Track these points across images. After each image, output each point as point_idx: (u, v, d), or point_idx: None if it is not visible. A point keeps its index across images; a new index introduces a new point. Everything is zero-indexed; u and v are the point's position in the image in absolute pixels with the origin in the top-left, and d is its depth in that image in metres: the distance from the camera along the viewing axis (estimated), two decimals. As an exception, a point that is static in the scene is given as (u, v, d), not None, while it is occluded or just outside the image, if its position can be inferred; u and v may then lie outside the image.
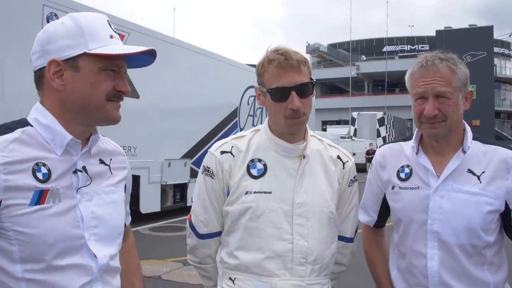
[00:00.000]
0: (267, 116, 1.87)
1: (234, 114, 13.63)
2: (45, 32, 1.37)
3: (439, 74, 1.75)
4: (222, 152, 1.83)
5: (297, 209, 1.73)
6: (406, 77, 1.88)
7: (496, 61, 58.31)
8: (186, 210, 11.63)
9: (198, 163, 11.91)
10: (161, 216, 10.81)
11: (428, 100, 1.76)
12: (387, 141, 37.80)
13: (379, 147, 2.15)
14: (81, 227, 1.36)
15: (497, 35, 52.19)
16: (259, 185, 1.75)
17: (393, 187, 1.94)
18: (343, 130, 39.34)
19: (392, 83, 57.89)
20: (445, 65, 1.77)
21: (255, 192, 1.74)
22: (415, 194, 1.86)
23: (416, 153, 1.90)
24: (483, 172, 1.79)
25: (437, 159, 1.86)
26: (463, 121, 1.87)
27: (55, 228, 1.29)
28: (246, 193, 1.75)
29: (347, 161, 1.91)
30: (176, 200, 11.64)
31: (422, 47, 65.96)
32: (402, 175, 1.92)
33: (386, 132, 39.03)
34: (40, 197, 1.28)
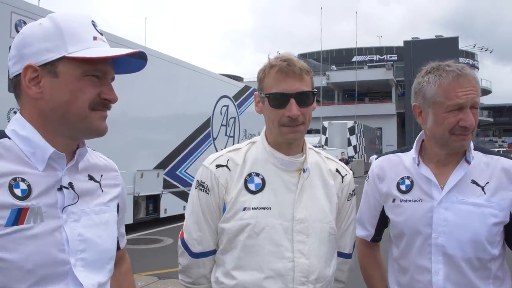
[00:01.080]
0: (264, 128, 1.79)
1: (207, 124, 13.56)
2: (21, 35, 1.24)
3: (473, 84, 1.69)
4: (218, 166, 1.73)
5: (297, 226, 1.65)
6: (434, 88, 1.72)
7: (461, 70, 59.87)
8: (159, 221, 11.54)
9: (171, 173, 11.79)
10: (133, 228, 10.59)
11: (465, 111, 1.67)
12: (357, 150, 38.48)
13: (377, 157, 2.08)
14: (66, 251, 1.20)
15: (461, 45, 53.74)
16: (258, 200, 1.66)
17: (393, 200, 1.87)
18: (314, 139, 39.58)
19: (362, 92, 58.90)
20: (473, 74, 1.71)
21: (253, 208, 1.65)
22: (417, 206, 1.79)
23: (418, 165, 1.84)
24: (487, 183, 1.74)
25: (439, 171, 1.80)
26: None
27: (36, 252, 1.13)
28: (244, 209, 1.65)
29: (346, 174, 1.85)
30: (149, 212, 11.46)
31: (390, 57, 67.50)
32: (403, 187, 1.85)
33: (357, 141, 39.56)
34: (18, 216, 1.12)
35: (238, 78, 38.30)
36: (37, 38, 1.22)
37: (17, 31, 7.41)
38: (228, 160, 1.75)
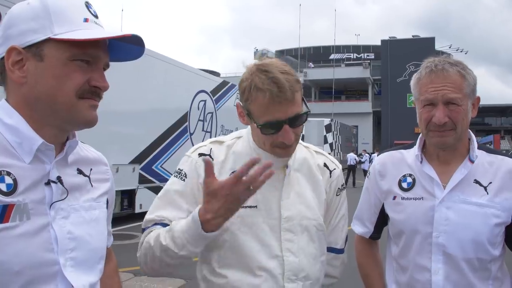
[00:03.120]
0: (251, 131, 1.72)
1: (184, 118, 13.46)
2: (9, 14, 1.15)
3: (450, 80, 1.65)
4: (200, 154, 1.67)
5: (284, 224, 1.62)
6: (412, 82, 1.77)
7: (436, 71, 60.87)
8: (134, 217, 11.38)
9: (147, 168, 11.67)
10: (107, 223, 10.49)
11: (437, 107, 1.66)
12: (334, 147, 38.78)
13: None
14: (55, 251, 1.12)
15: (437, 46, 54.66)
16: None
17: (394, 197, 1.84)
18: (291, 136, 39.66)
19: (338, 90, 59.34)
20: (455, 70, 1.67)
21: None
22: (419, 204, 1.76)
23: (420, 162, 1.81)
24: (490, 183, 1.72)
25: (442, 169, 1.77)
26: (469, 129, 1.79)
27: (23, 252, 1.05)
28: None
29: (334, 168, 1.81)
30: (124, 207, 11.32)
31: (367, 55, 68.17)
32: (404, 185, 1.82)
33: (333, 139, 39.83)
34: (3, 214, 1.04)
35: (215, 73, 38.13)
36: (22, 18, 1.13)
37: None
38: (211, 149, 1.70)
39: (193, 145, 1.82)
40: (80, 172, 1.28)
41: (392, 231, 1.89)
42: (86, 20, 1.16)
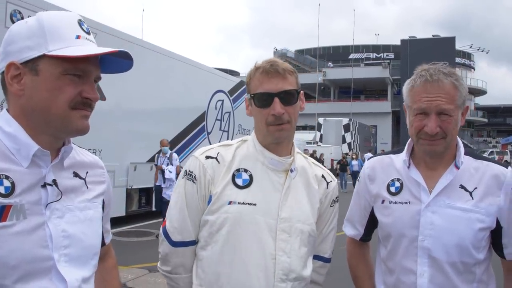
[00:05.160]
0: (254, 127, 1.82)
1: (202, 118, 13.55)
2: (9, 32, 1.26)
3: (444, 91, 1.68)
4: (207, 157, 1.76)
5: (281, 224, 1.68)
6: (405, 89, 1.80)
7: (457, 71, 59.99)
8: (152, 215, 11.52)
9: (164, 167, 11.78)
10: (125, 221, 10.60)
11: (430, 117, 1.70)
12: (352, 147, 38.58)
13: (372, 156, 2.07)
14: (50, 247, 1.22)
15: (458, 46, 53.86)
16: (244, 196, 1.68)
17: (382, 201, 1.88)
18: (309, 135, 39.62)
19: (357, 90, 58.90)
20: (450, 81, 1.70)
21: (239, 203, 1.67)
22: (405, 209, 1.81)
23: (408, 167, 1.85)
24: (475, 188, 1.75)
25: (429, 174, 1.81)
26: (457, 136, 1.82)
27: (19, 248, 1.15)
28: (230, 203, 1.67)
29: (331, 181, 1.89)
30: (142, 205, 11.48)
31: (387, 55, 67.57)
32: (392, 189, 1.87)
33: (351, 138, 39.61)
34: (1, 214, 1.14)
35: (234, 73, 38.26)
36: (21, 36, 1.24)
37: (12, 21, 7.41)
38: (218, 153, 1.77)
39: (210, 144, 1.87)
40: (76, 175, 1.38)
41: (381, 234, 1.93)
42: (78, 37, 1.26)
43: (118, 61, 1.35)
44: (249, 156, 1.76)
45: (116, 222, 10.14)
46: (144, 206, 11.51)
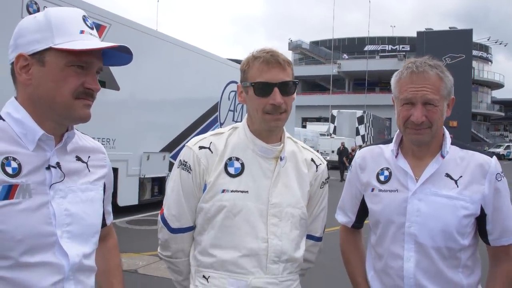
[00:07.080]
0: (246, 114, 1.89)
1: (215, 108, 13.57)
2: (19, 26, 1.37)
3: (429, 82, 1.76)
4: (201, 147, 1.84)
5: (271, 209, 1.77)
6: (393, 81, 1.88)
7: (474, 63, 59.25)
8: (164, 204, 11.60)
9: (177, 156, 11.84)
10: (138, 209, 10.72)
11: (416, 107, 1.77)
12: (366, 139, 38.40)
13: (360, 146, 2.17)
14: (53, 224, 1.33)
15: (475, 38, 53.04)
16: (236, 184, 1.77)
17: (372, 189, 1.96)
18: (322, 127, 39.54)
19: (372, 82, 58.52)
20: (435, 72, 1.78)
21: (232, 191, 1.76)
22: (393, 196, 1.88)
23: (396, 156, 1.92)
24: (461, 176, 1.83)
25: (416, 163, 1.88)
26: (443, 126, 1.89)
27: (24, 224, 1.26)
28: (223, 191, 1.76)
29: (320, 164, 1.97)
30: (154, 194, 11.57)
31: (403, 47, 66.85)
32: (382, 178, 1.94)
33: (365, 131, 39.42)
34: (8, 192, 1.25)
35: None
36: (29, 30, 1.34)
37: (29, 12, 7.46)
38: (211, 142, 1.85)
39: None
40: (78, 159, 1.49)
41: (371, 221, 2.01)
42: (82, 32, 1.37)
43: (119, 55, 1.45)
44: (240, 144, 1.84)
45: (129, 210, 10.29)
46: (157, 195, 11.60)
